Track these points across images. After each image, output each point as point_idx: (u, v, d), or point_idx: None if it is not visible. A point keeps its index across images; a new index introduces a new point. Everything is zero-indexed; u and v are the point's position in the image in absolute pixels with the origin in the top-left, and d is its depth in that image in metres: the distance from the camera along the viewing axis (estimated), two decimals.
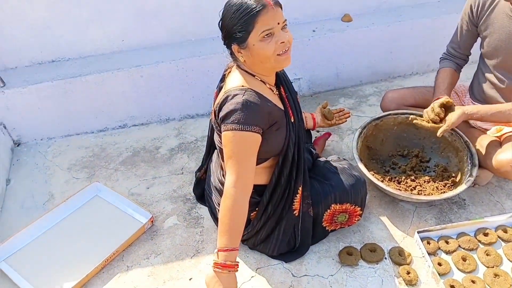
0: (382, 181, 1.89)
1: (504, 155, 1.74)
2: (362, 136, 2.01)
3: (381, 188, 1.82)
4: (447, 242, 1.76)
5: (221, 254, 1.39)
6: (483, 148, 1.86)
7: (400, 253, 1.73)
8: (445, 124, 1.76)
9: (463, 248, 1.75)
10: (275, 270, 1.73)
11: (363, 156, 2.00)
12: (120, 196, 2.03)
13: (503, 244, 1.76)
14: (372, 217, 1.92)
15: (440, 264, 1.68)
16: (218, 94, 1.59)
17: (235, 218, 1.40)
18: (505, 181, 2.05)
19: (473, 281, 1.60)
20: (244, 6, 1.33)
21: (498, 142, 1.85)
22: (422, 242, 1.75)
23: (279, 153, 1.55)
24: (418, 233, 1.78)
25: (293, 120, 1.57)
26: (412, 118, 1.90)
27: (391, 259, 1.73)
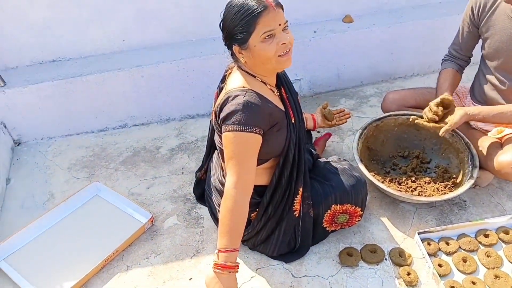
0: (382, 182, 1.88)
1: (505, 157, 1.74)
2: (362, 137, 2.01)
3: (381, 189, 1.82)
4: (447, 243, 1.76)
5: (221, 255, 1.39)
6: (484, 150, 1.86)
7: (401, 254, 1.73)
8: (448, 124, 1.76)
9: (464, 249, 1.75)
10: (275, 271, 1.73)
11: (364, 157, 2.00)
12: (120, 196, 2.03)
13: (504, 245, 1.76)
14: (372, 218, 1.92)
15: (440, 265, 1.68)
16: (218, 95, 1.59)
17: (235, 219, 1.40)
18: (506, 183, 2.05)
19: (474, 283, 1.60)
20: (246, 7, 1.32)
21: (499, 144, 1.85)
22: (423, 243, 1.74)
23: (279, 154, 1.55)
24: (418, 234, 1.77)
25: (293, 121, 1.57)
26: (413, 118, 1.89)
27: (391, 260, 1.73)
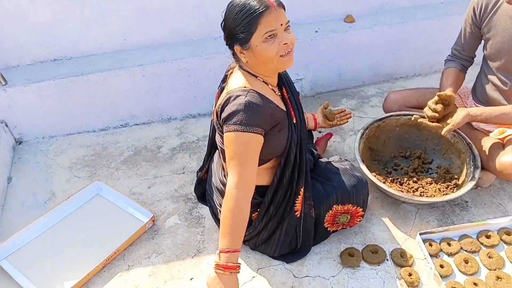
0: (384, 183, 1.88)
1: (507, 157, 1.73)
2: (364, 137, 2.01)
3: (383, 189, 1.82)
4: (449, 244, 1.75)
5: (222, 255, 1.38)
6: (486, 150, 1.85)
7: (402, 254, 1.73)
8: (450, 123, 1.75)
9: (465, 250, 1.75)
10: (276, 271, 1.72)
11: (365, 157, 1.99)
12: (121, 195, 2.03)
13: (506, 246, 1.76)
14: (374, 218, 1.91)
15: (442, 266, 1.67)
16: (220, 95, 1.58)
17: (237, 220, 1.40)
18: (507, 183, 2.05)
19: (475, 284, 1.60)
20: (247, 7, 1.32)
21: (501, 144, 1.85)
22: (424, 244, 1.74)
23: (281, 154, 1.54)
24: (420, 234, 1.77)
25: (295, 121, 1.56)
26: (415, 117, 1.88)
27: (392, 260, 1.73)
